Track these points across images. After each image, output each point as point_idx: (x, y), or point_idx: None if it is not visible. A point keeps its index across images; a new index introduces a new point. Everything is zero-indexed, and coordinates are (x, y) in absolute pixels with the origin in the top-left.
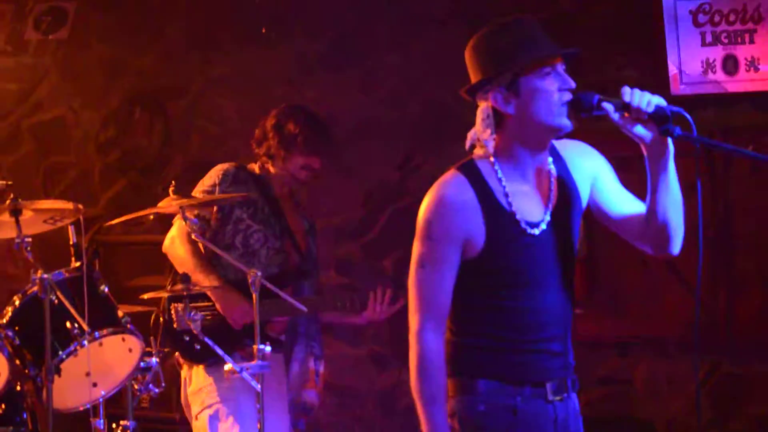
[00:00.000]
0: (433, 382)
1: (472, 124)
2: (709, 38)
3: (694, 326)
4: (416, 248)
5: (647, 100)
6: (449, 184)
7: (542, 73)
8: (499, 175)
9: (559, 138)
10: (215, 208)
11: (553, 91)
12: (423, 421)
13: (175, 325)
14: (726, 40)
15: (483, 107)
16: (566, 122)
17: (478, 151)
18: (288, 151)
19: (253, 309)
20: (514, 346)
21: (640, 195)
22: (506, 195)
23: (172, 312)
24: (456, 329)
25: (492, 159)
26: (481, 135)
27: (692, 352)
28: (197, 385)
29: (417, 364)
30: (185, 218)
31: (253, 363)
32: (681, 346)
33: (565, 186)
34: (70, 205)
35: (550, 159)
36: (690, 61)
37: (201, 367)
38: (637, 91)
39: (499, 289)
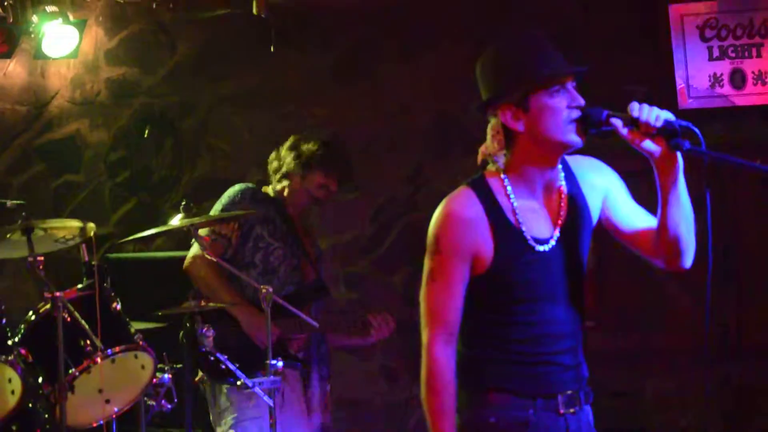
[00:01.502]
0: (443, 396)
1: (482, 138)
2: (716, 53)
3: (704, 333)
4: (426, 263)
5: (656, 115)
6: (458, 199)
7: (552, 90)
8: (509, 191)
9: (569, 154)
10: (236, 225)
11: (563, 108)
12: None
13: (200, 346)
14: (733, 54)
15: (493, 123)
16: (576, 139)
17: (489, 168)
18: (306, 169)
19: (276, 327)
20: (526, 359)
21: (649, 210)
22: (515, 212)
23: (196, 332)
24: (468, 342)
25: (502, 176)
26: (491, 151)
27: (702, 364)
28: (221, 405)
29: (427, 377)
30: (196, 237)
31: (265, 378)
32: (691, 359)
33: (576, 203)
34: (80, 224)
35: (562, 175)
36: (697, 75)
37: (224, 386)
38: (645, 106)
39: (510, 304)
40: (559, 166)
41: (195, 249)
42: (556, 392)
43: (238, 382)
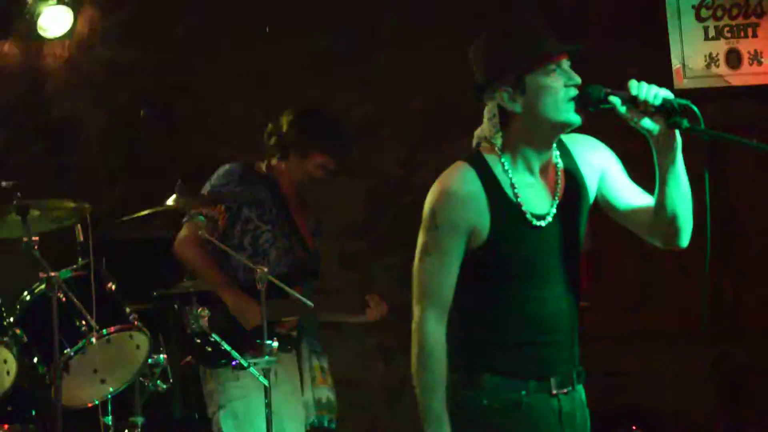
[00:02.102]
0: (433, 372)
1: (477, 120)
2: (712, 32)
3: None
4: (421, 238)
5: (654, 93)
6: (455, 174)
7: (547, 70)
8: (506, 167)
9: (566, 132)
10: (223, 208)
11: (559, 87)
12: (422, 410)
13: (187, 329)
14: (729, 35)
15: (489, 106)
16: (574, 117)
17: (485, 144)
18: (307, 147)
19: (259, 312)
20: (520, 340)
21: (647, 190)
22: (513, 186)
23: (183, 316)
24: (460, 322)
25: (499, 153)
26: (488, 134)
27: (698, 343)
28: (211, 386)
29: (418, 353)
30: (191, 216)
31: (261, 358)
32: (687, 338)
33: (573, 180)
34: (76, 204)
35: (557, 153)
36: (693, 55)
37: (213, 369)
38: (644, 84)
39: (505, 281)
40: (554, 145)
41: (183, 231)
42: (549, 374)
43: (233, 362)
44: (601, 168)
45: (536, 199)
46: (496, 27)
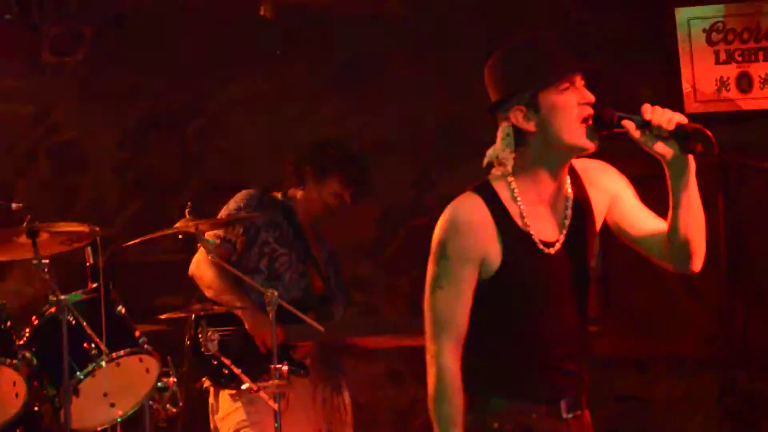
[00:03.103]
0: (452, 404)
1: (487, 141)
2: (723, 56)
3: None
4: (432, 269)
5: (668, 118)
6: (464, 204)
7: (561, 88)
8: (515, 194)
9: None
10: (241, 231)
11: (573, 105)
12: None
13: (202, 349)
14: (740, 58)
15: (503, 125)
16: (588, 144)
17: (495, 171)
18: (324, 176)
19: (281, 331)
20: (529, 364)
21: (660, 214)
22: (522, 215)
23: (200, 337)
24: (470, 347)
25: (509, 179)
26: (500, 154)
27: (708, 368)
28: (225, 410)
29: (438, 385)
30: (201, 240)
31: (270, 382)
32: (699, 363)
33: (581, 206)
34: (86, 227)
35: (568, 179)
36: (704, 79)
37: (227, 392)
38: (658, 109)
39: (515, 308)
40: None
41: (200, 254)
42: (559, 397)
43: (243, 386)
44: (612, 193)
45: (545, 227)
46: (509, 46)
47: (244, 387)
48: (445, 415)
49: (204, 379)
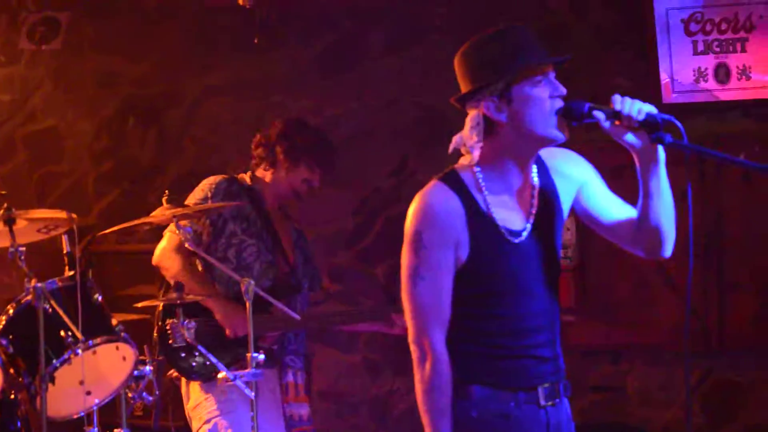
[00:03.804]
0: (446, 394)
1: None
2: (701, 47)
3: (685, 330)
4: (409, 260)
5: (638, 108)
6: (434, 192)
7: (534, 81)
8: (481, 183)
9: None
10: (207, 221)
11: (545, 98)
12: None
13: (170, 341)
14: (718, 49)
15: (473, 114)
16: (558, 134)
17: (462, 160)
18: (295, 161)
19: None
20: (505, 353)
21: (633, 203)
22: (488, 204)
23: (168, 328)
24: (447, 337)
25: (475, 168)
26: (467, 141)
27: (684, 358)
28: (195, 400)
29: (432, 378)
30: (178, 227)
31: (247, 371)
32: (673, 353)
33: (547, 195)
34: (63, 215)
35: (535, 167)
36: (682, 69)
37: (197, 382)
38: (627, 99)
39: (487, 297)
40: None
41: (165, 242)
42: (536, 385)
43: (220, 375)
44: (579, 181)
45: (511, 216)
46: (482, 36)
47: (220, 376)
48: (439, 407)
49: (173, 372)
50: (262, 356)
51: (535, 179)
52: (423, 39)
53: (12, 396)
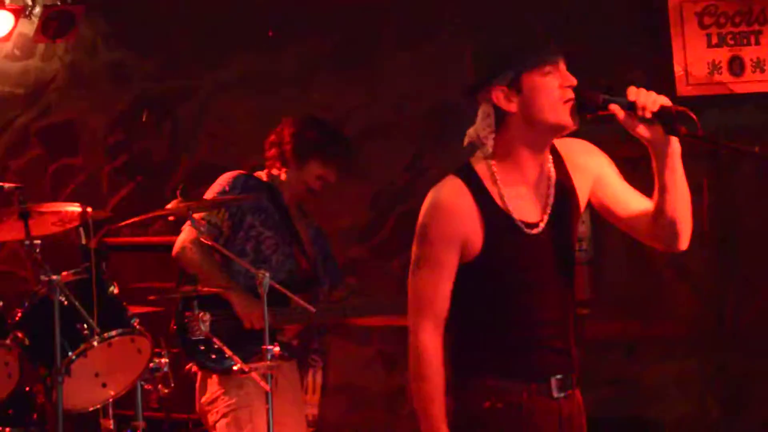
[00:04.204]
0: (431, 381)
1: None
2: (714, 40)
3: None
4: (414, 251)
5: (652, 100)
6: (446, 187)
7: (544, 71)
8: (496, 177)
9: (561, 137)
10: (226, 215)
11: (555, 88)
12: (421, 420)
13: (189, 334)
14: (732, 42)
15: (484, 106)
16: (569, 120)
17: (477, 155)
18: (305, 159)
19: (271, 312)
20: (518, 344)
21: (648, 195)
22: (503, 197)
23: (186, 321)
24: (460, 328)
25: (491, 161)
26: (480, 133)
27: (699, 351)
28: (212, 394)
29: (416, 364)
30: (193, 221)
31: (262, 363)
32: (688, 347)
33: (564, 187)
34: (78, 208)
35: (550, 158)
36: (696, 62)
37: (215, 375)
38: (642, 91)
39: (501, 290)
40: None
41: (184, 235)
42: (548, 376)
43: (234, 367)
44: (595, 173)
45: (527, 207)
46: (494, 29)
47: (235, 368)
48: (423, 393)
49: (191, 365)
50: (276, 348)
51: (552, 171)
52: (436, 34)
53: (28, 389)
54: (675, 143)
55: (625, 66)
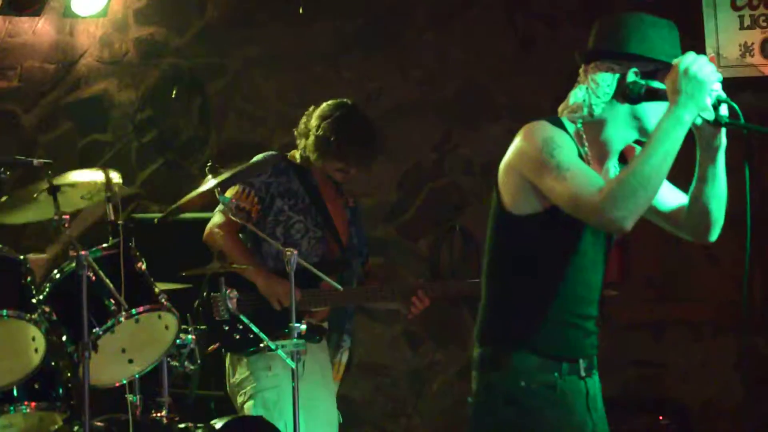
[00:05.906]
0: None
1: (511, 105)
2: (747, 22)
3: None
4: (549, 162)
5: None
6: (548, 124)
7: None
8: (584, 137)
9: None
10: (256, 199)
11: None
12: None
13: (215, 316)
14: (765, 24)
15: (605, 75)
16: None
17: (570, 113)
18: (325, 157)
19: (299, 292)
20: (559, 319)
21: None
22: (587, 161)
23: (212, 302)
24: (504, 290)
25: (581, 127)
26: (593, 100)
27: (727, 333)
28: (240, 375)
29: (623, 187)
30: (221, 197)
31: (288, 341)
32: (716, 329)
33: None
34: (106, 178)
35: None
36: (728, 44)
37: (243, 359)
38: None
39: (563, 252)
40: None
41: (215, 218)
42: (578, 356)
43: (262, 344)
44: None
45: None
46: (647, 15)
47: (261, 345)
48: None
49: (215, 345)
50: (303, 326)
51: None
52: (466, 12)
53: (54, 363)
54: (723, 136)
55: None
